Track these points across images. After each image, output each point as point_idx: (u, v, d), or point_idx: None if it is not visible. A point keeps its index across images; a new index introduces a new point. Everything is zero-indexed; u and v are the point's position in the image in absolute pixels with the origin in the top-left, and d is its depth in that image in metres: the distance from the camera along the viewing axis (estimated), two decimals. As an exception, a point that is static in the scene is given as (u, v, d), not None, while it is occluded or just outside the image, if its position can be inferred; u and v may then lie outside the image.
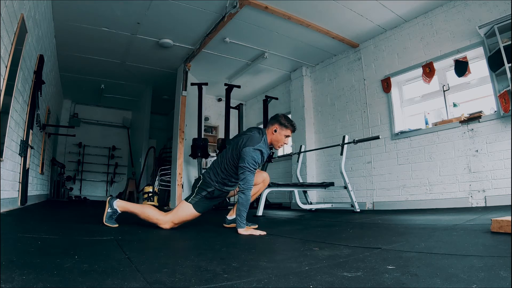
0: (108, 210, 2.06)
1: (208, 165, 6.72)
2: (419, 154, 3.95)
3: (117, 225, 2.09)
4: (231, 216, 2.34)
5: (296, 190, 4.26)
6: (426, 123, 3.99)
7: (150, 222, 2.10)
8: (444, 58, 3.82)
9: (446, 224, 2.08)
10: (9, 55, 2.38)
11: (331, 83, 5.35)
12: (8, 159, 2.70)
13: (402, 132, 4.16)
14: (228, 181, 2.16)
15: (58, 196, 6.58)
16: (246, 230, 1.93)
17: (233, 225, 2.31)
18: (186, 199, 2.16)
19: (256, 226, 2.19)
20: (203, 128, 5.69)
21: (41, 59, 3.56)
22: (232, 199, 5.51)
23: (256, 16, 4.12)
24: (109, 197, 2.12)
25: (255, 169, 2.03)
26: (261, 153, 2.04)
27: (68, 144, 7.98)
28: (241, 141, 2.09)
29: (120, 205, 2.08)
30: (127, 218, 2.27)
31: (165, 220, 2.08)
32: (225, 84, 5.67)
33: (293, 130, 2.19)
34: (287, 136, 2.19)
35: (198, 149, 5.20)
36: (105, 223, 2.04)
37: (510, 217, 1.50)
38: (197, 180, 2.24)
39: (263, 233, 1.91)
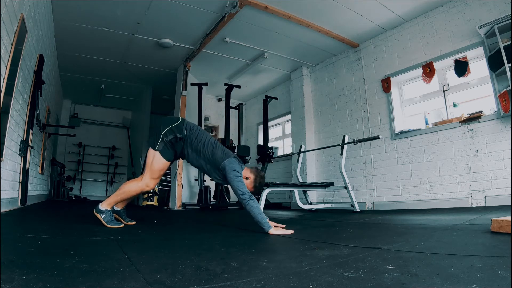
0: (102, 217, 2.05)
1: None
2: (419, 154, 3.95)
3: (122, 225, 2.08)
4: (117, 206, 2.27)
5: (296, 190, 4.26)
6: (426, 123, 3.99)
7: (137, 194, 2.17)
8: (444, 58, 3.82)
9: (446, 224, 2.08)
10: (9, 55, 2.38)
11: (331, 83, 5.35)
12: (8, 159, 2.70)
13: (402, 132, 4.16)
14: (196, 155, 2.13)
15: (58, 196, 6.59)
16: (276, 230, 1.90)
17: (115, 215, 2.21)
18: (153, 147, 2.11)
19: (284, 226, 2.17)
20: (203, 128, 5.68)
21: (41, 59, 3.56)
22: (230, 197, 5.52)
23: (256, 16, 4.12)
24: (94, 209, 2.09)
25: (240, 176, 2.02)
26: (238, 168, 2.05)
27: (68, 144, 7.98)
28: (219, 154, 2.07)
29: (106, 203, 2.08)
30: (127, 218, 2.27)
31: (145, 182, 2.11)
32: (225, 84, 5.67)
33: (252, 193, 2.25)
34: None
35: (198, 149, 5.20)
36: (110, 226, 2.02)
37: (510, 217, 1.50)
38: (169, 121, 2.15)
39: (292, 231, 1.89)
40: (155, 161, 2.10)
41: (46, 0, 3.55)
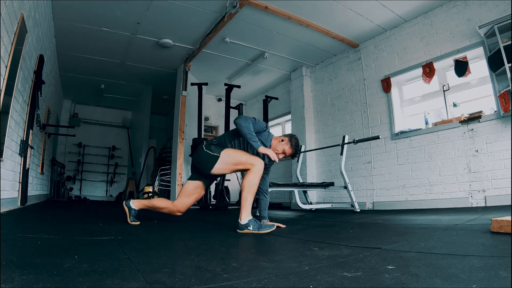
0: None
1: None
2: (419, 154, 3.95)
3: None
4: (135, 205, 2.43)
5: (296, 190, 4.26)
6: (426, 123, 3.99)
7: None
8: (444, 58, 3.82)
9: (446, 224, 2.08)
10: (9, 55, 2.38)
11: (331, 83, 5.35)
12: (8, 159, 2.70)
13: (402, 132, 4.16)
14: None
15: (58, 196, 6.58)
16: (264, 150, 2.08)
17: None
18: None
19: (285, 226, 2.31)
20: (203, 128, 5.69)
21: (41, 59, 3.56)
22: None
23: (256, 16, 4.12)
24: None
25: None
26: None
27: (68, 144, 7.98)
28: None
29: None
30: (125, 218, 2.27)
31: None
32: (225, 84, 5.67)
33: (291, 155, 2.29)
34: (283, 154, 2.25)
35: (198, 149, 5.20)
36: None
37: (510, 217, 1.50)
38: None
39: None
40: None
41: (46, 0, 3.55)
